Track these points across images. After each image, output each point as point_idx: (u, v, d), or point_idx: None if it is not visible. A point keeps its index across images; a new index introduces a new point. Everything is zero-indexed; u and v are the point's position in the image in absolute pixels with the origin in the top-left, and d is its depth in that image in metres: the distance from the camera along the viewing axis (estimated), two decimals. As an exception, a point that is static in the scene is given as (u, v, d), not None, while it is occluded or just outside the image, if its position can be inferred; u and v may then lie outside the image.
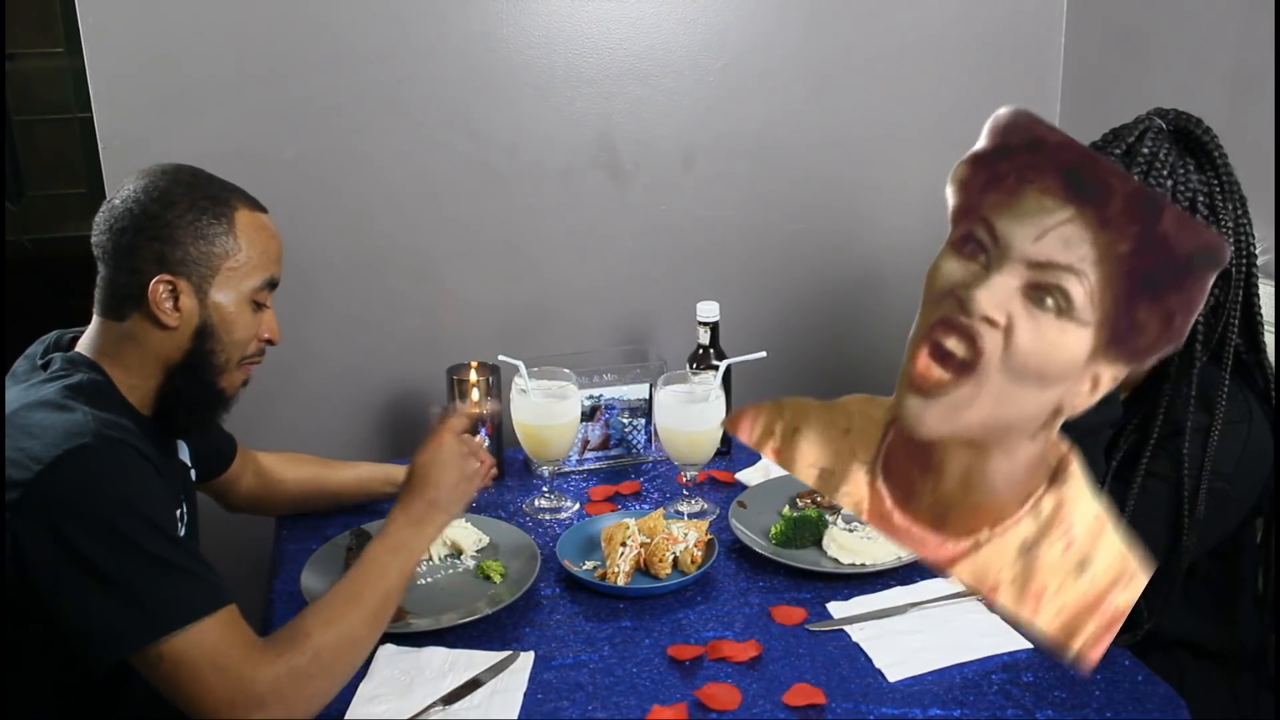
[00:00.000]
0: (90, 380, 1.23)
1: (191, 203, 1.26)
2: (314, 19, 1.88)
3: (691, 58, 2.05)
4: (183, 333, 1.27)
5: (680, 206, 2.12)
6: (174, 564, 1.12)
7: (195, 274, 1.26)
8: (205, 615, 1.11)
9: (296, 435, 2.03)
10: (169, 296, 1.25)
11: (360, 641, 1.21)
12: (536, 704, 1.23)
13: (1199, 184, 1.30)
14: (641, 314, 2.17)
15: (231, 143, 1.89)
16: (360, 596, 1.22)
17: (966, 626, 1.35)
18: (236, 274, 1.28)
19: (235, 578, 2.03)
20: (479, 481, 1.38)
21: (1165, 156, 1.29)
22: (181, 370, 1.28)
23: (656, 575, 1.45)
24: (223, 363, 1.30)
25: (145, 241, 1.24)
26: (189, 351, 1.28)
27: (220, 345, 1.29)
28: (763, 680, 1.26)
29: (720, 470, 1.81)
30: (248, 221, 1.30)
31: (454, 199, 2.02)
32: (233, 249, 1.28)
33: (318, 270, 1.99)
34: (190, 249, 1.25)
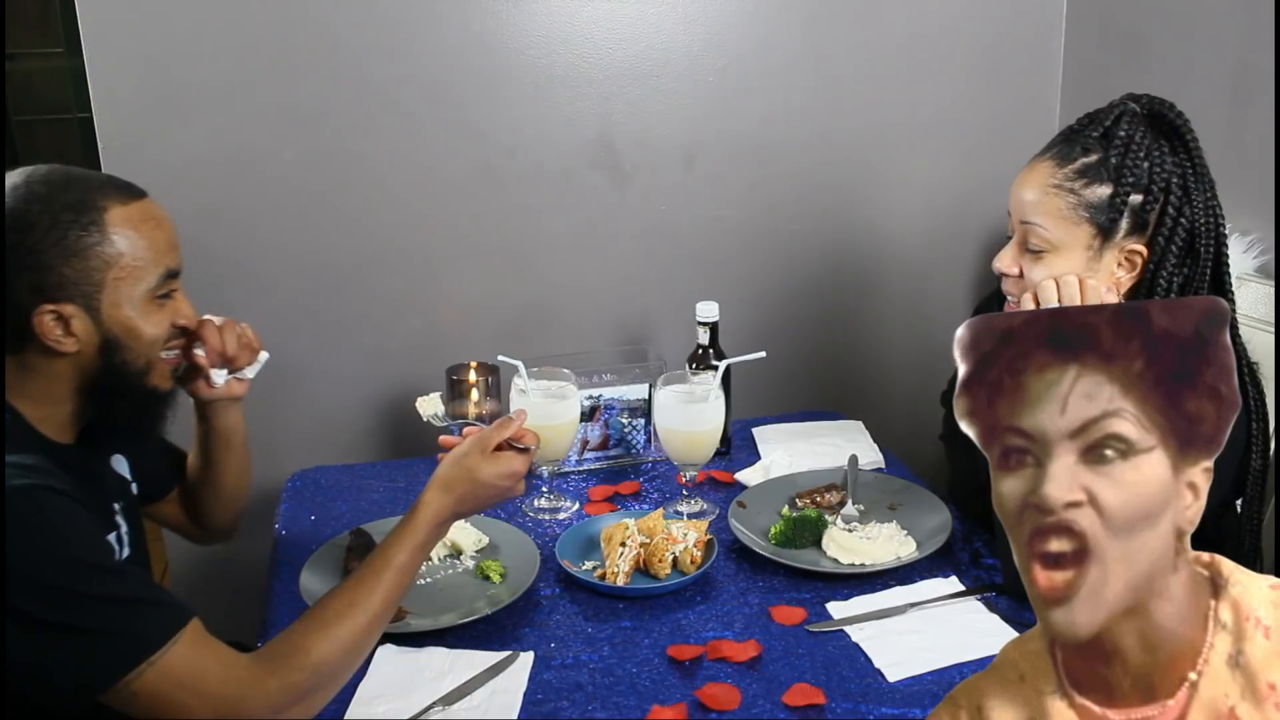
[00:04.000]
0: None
1: (53, 219, 1.13)
2: (313, 20, 1.88)
3: (691, 58, 2.05)
4: (86, 354, 1.18)
5: (680, 206, 2.12)
6: (128, 598, 1.07)
7: (79, 295, 1.15)
8: (165, 643, 1.07)
9: (296, 435, 2.04)
10: (58, 324, 1.15)
11: (362, 648, 1.19)
12: (536, 704, 1.23)
13: (1173, 166, 1.33)
14: (641, 314, 2.17)
15: (231, 143, 1.89)
16: (370, 597, 1.18)
17: (966, 626, 1.35)
18: (125, 281, 1.17)
19: (235, 578, 2.05)
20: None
21: (1141, 139, 1.33)
22: (101, 391, 1.21)
23: (656, 575, 1.45)
24: (143, 365, 1.22)
25: (15, 274, 1.12)
26: (101, 370, 1.19)
27: (133, 353, 1.21)
28: (763, 680, 1.26)
29: (720, 470, 1.81)
30: (123, 219, 1.17)
31: (454, 199, 2.02)
32: (113, 256, 1.16)
33: (317, 270, 1.99)
34: (65, 270, 1.13)
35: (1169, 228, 1.32)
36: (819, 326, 2.27)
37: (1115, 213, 1.32)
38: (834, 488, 1.67)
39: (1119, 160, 1.31)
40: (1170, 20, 1.95)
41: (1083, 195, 1.33)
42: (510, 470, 1.28)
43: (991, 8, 2.16)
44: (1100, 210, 1.32)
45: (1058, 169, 1.34)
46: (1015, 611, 1.37)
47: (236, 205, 1.93)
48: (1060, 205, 1.34)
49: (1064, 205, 1.33)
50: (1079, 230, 1.34)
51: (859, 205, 2.22)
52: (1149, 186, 1.32)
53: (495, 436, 1.30)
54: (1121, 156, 1.31)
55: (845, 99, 2.14)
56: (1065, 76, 2.22)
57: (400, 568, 1.22)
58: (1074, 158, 1.34)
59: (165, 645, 1.07)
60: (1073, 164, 1.34)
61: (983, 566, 1.49)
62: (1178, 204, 1.33)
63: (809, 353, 2.27)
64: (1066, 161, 1.34)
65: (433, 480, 1.28)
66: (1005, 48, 2.19)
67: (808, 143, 2.15)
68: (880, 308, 2.29)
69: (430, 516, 1.25)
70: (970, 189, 2.25)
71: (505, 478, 1.28)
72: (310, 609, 1.20)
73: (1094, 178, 1.33)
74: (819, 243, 2.22)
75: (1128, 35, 2.05)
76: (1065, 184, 1.34)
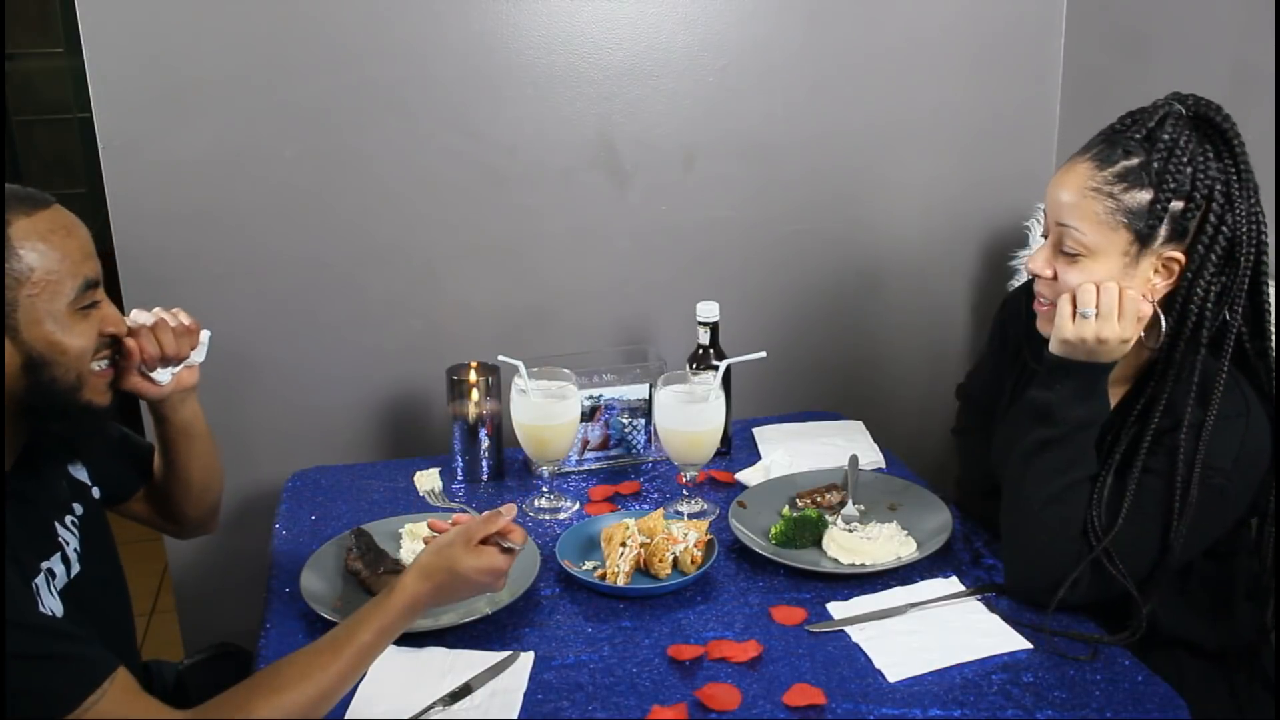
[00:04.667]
0: None
1: None
2: (313, 19, 1.88)
3: (691, 58, 2.05)
4: (11, 375, 1.12)
5: (680, 207, 2.12)
6: (40, 655, 1.02)
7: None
8: (88, 696, 1.03)
9: (296, 435, 2.04)
10: None
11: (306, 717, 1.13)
12: (536, 704, 1.23)
13: (1217, 172, 1.28)
14: (641, 314, 2.17)
15: (231, 143, 1.89)
16: (325, 670, 1.14)
17: (966, 626, 1.35)
18: (41, 296, 1.12)
19: (234, 578, 2.05)
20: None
21: (1185, 144, 1.28)
22: (30, 411, 1.16)
23: (656, 575, 1.45)
24: (73, 381, 1.17)
25: None
26: (28, 390, 1.14)
27: (62, 368, 1.15)
28: (763, 680, 1.26)
29: (720, 470, 1.81)
30: (30, 231, 1.11)
31: (454, 199, 2.02)
32: (24, 274, 1.10)
33: (317, 270, 1.99)
34: None
35: (1209, 236, 1.29)
36: (819, 326, 2.27)
37: (1155, 219, 1.28)
38: (834, 488, 1.67)
39: (1161, 165, 1.27)
40: (1170, 20, 1.95)
41: (1122, 200, 1.28)
42: (491, 566, 1.24)
43: (991, 8, 2.16)
44: (1139, 216, 1.28)
45: (1097, 171, 1.30)
46: (1015, 611, 1.37)
47: (236, 205, 1.93)
48: (1098, 209, 1.29)
49: (1102, 210, 1.29)
50: (1116, 236, 1.29)
51: (859, 205, 2.22)
52: (1191, 193, 1.28)
53: (480, 530, 1.26)
54: (1165, 161, 1.27)
55: (845, 99, 2.14)
56: (1065, 76, 2.22)
57: (363, 647, 1.17)
58: (1115, 160, 1.29)
59: (84, 702, 1.03)
60: (1113, 167, 1.29)
61: (983, 566, 1.49)
62: (1219, 212, 1.28)
63: (809, 353, 2.27)
64: (1107, 164, 1.30)
65: (413, 565, 1.24)
66: (1005, 48, 2.19)
67: (808, 142, 2.15)
68: (880, 307, 2.29)
69: (404, 602, 1.21)
70: (970, 189, 2.25)
71: (484, 573, 1.23)
72: (262, 670, 1.16)
73: (1134, 182, 1.28)
74: (819, 243, 2.22)
75: (1128, 35, 2.05)
76: (1104, 187, 1.29)
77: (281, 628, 1.40)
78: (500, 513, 1.29)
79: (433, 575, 1.22)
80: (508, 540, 1.28)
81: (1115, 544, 1.32)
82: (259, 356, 1.98)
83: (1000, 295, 2.04)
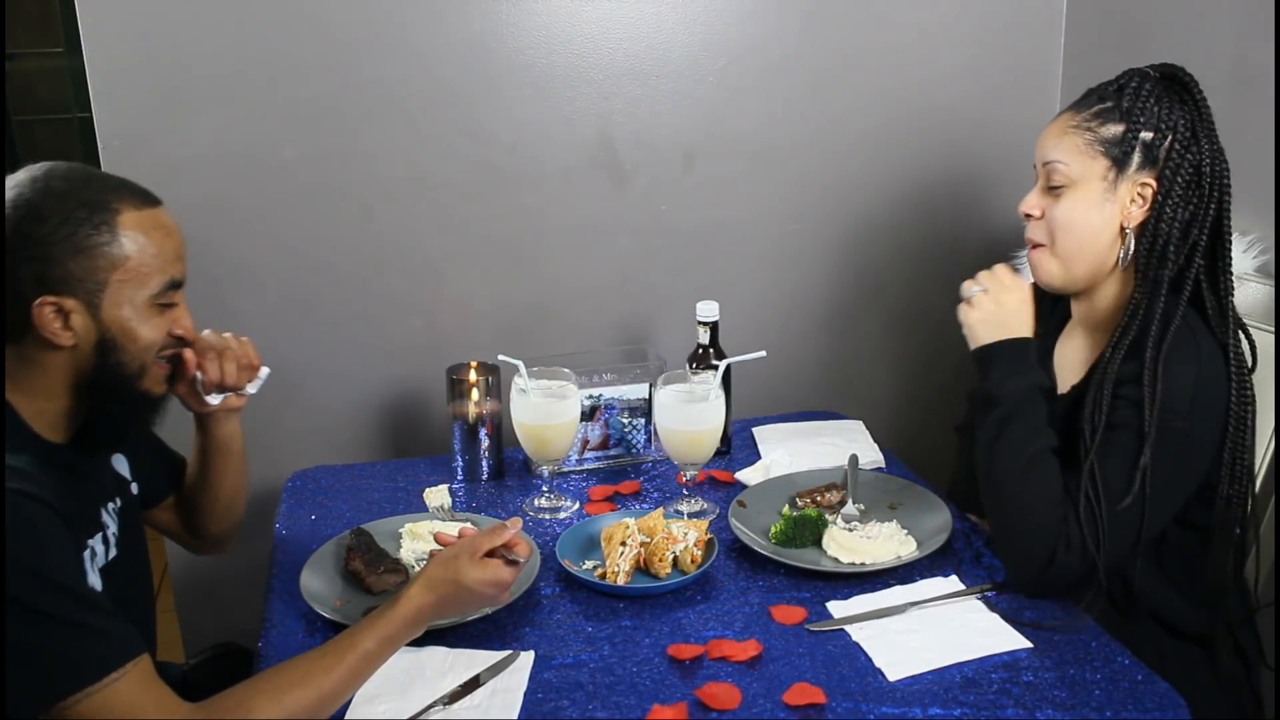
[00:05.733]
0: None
1: (65, 215, 1.15)
2: (314, 19, 1.88)
3: (691, 58, 2.05)
4: (83, 351, 1.19)
5: (680, 206, 2.12)
6: (76, 623, 1.06)
7: (81, 291, 1.16)
8: (111, 674, 1.07)
9: (296, 435, 2.04)
10: (57, 317, 1.16)
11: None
12: (536, 704, 1.23)
13: (1180, 114, 1.41)
14: (641, 314, 2.17)
15: (231, 143, 1.89)
16: (326, 675, 1.16)
17: (966, 625, 1.35)
18: (129, 283, 1.19)
19: (235, 578, 2.05)
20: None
21: (1150, 88, 1.42)
22: (93, 388, 1.21)
23: (656, 575, 1.45)
24: (136, 369, 1.23)
25: (21, 264, 1.14)
26: (95, 368, 1.20)
27: (129, 355, 1.21)
28: (763, 680, 1.26)
29: (720, 470, 1.81)
30: (135, 223, 1.19)
31: (454, 199, 2.02)
32: (119, 258, 1.18)
33: (317, 270, 1.99)
34: (70, 266, 1.15)
35: (1175, 163, 1.40)
36: (819, 326, 2.27)
37: (1128, 146, 1.41)
38: (834, 487, 1.67)
39: (1130, 104, 1.42)
40: (1170, 19, 1.95)
41: (1098, 132, 1.43)
42: (495, 579, 1.27)
43: (991, 7, 2.16)
44: (1114, 144, 1.42)
45: (1075, 115, 1.46)
46: (1015, 611, 1.37)
47: (236, 204, 1.93)
48: (1078, 142, 1.43)
49: (1081, 142, 1.43)
50: (1095, 164, 1.42)
51: (859, 204, 2.22)
52: (1158, 125, 1.41)
53: (486, 543, 1.28)
54: (1133, 100, 1.42)
55: (845, 98, 2.14)
56: (1065, 77, 2.22)
57: (365, 654, 1.20)
58: (1090, 105, 1.45)
59: (105, 678, 1.06)
60: (1089, 109, 1.45)
61: (983, 566, 1.49)
62: (1184, 142, 1.41)
63: (809, 353, 2.27)
64: (1084, 109, 1.46)
65: (418, 576, 1.27)
66: (1005, 48, 2.19)
67: (808, 142, 2.15)
68: (880, 307, 2.29)
69: (408, 612, 1.24)
70: (970, 188, 2.25)
71: (489, 585, 1.26)
72: (265, 671, 1.18)
73: (1108, 118, 1.43)
74: (819, 242, 2.22)
75: (1128, 34, 2.05)
76: (1082, 125, 1.44)
77: (281, 628, 1.40)
78: (506, 525, 1.31)
79: (437, 587, 1.25)
80: (513, 553, 1.30)
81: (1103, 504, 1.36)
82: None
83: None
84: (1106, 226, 1.44)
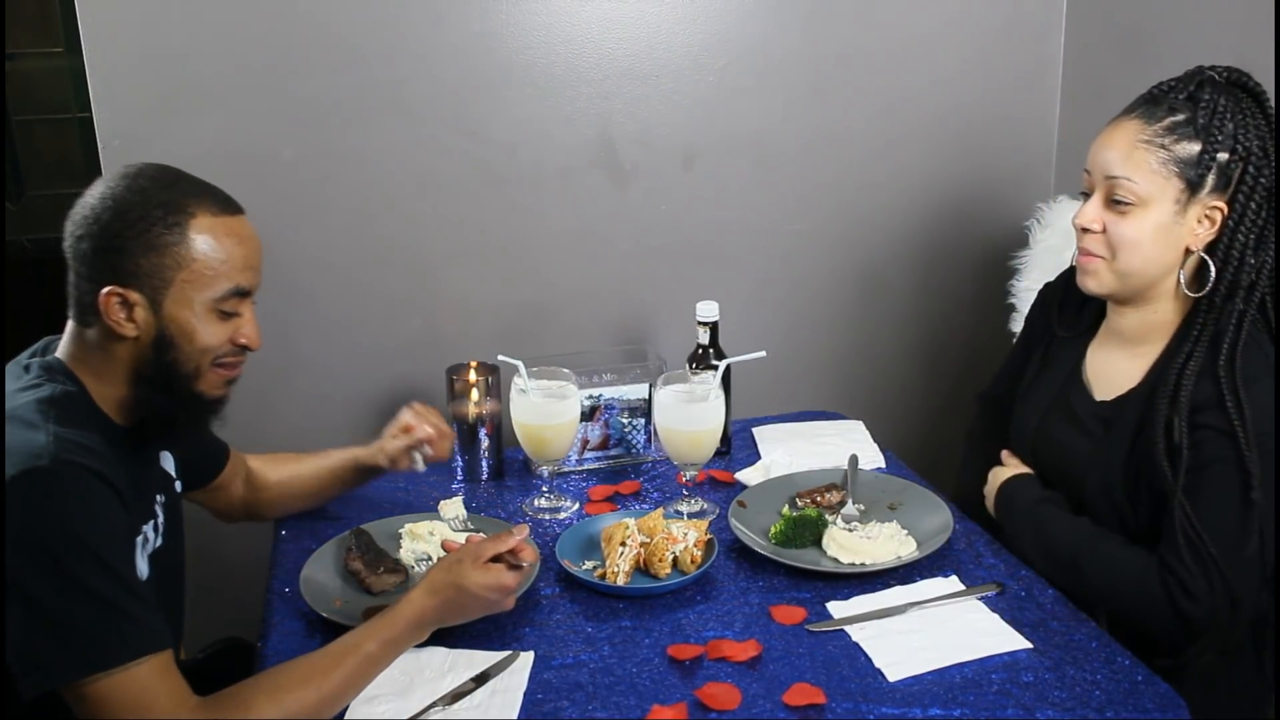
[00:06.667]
0: (63, 393, 1.20)
1: (144, 212, 1.20)
2: (314, 19, 1.88)
3: (691, 58, 2.05)
4: (143, 343, 1.22)
5: (680, 206, 2.12)
6: (112, 603, 1.09)
7: (147, 286, 1.20)
8: (135, 660, 1.09)
9: (297, 435, 2.03)
10: (122, 308, 1.20)
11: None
12: (536, 704, 1.23)
13: (1254, 130, 1.36)
14: (641, 314, 2.17)
15: (231, 143, 1.89)
16: (327, 676, 1.18)
17: (966, 626, 1.35)
18: (193, 285, 1.22)
19: (235, 578, 2.05)
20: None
21: (1225, 103, 1.35)
22: (150, 380, 1.24)
23: (656, 575, 1.45)
24: (192, 369, 1.25)
25: (99, 251, 1.20)
26: (153, 362, 1.23)
27: (184, 355, 1.24)
28: (763, 680, 1.26)
29: (720, 470, 1.81)
30: (208, 228, 1.22)
31: (454, 199, 2.02)
32: (186, 259, 1.21)
33: (317, 270, 1.99)
34: (141, 260, 1.19)
35: (1249, 186, 1.35)
36: (819, 326, 2.27)
37: (1204, 169, 1.34)
38: (834, 487, 1.67)
39: (1207, 120, 1.34)
40: (1170, 19, 1.95)
41: (1173, 151, 1.35)
42: (498, 584, 1.27)
43: (991, 7, 2.16)
44: (1190, 165, 1.35)
45: (1146, 126, 1.37)
46: (1015, 611, 1.37)
47: (236, 205, 1.93)
48: (1150, 160, 1.35)
49: (1154, 160, 1.35)
50: (1168, 185, 1.35)
51: (859, 204, 2.22)
52: (1234, 147, 1.35)
53: (491, 549, 1.29)
54: (1210, 117, 1.34)
55: (845, 98, 2.14)
56: (1065, 76, 2.22)
57: (367, 656, 1.21)
58: (1162, 116, 1.36)
59: (129, 663, 1.09)
60: (1161, 122, 1.36)
61: (983, 566, 1.49)
62: (1259, 164, 1.35)
63: (809, 353, 2.27)
64: (1154, 120, 1.37)
65: (422, 580, 1.29)
66: (1005, 46, 2.19)
67: (808, 142, 2.15)
68: (880, 307, 2.29)
69: (411, 615, 1.25)
70: (970, 188, 2.25)
71: (492, 590, 1.27)
72: (267, 671, 1.20)
73: (1183, 135, 1.35)
74: (819, 242, 2.22)
75: (1128, 35, 2.05)
76: (1155, 139, 1.36)
77: (282, 627, 1.40)
78: (512, 533, 1.32)
79: (440, 591, 1.26)
80: (517, 559, 1.30)
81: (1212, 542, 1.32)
82: (258, 355, 1.97)
83: (1000, 295, 2.04)
84: (1173, 247, 1.38)
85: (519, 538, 1.32)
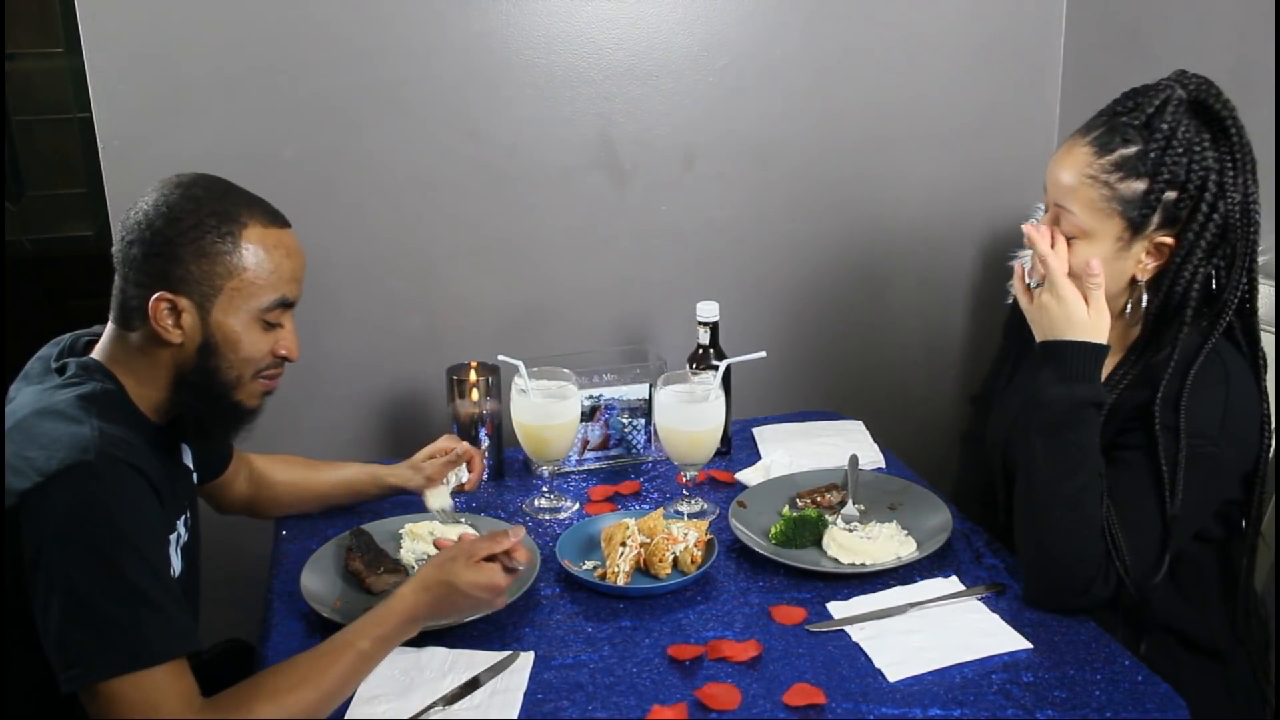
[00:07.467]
0: (103, 390, 1.23)
1: (197, 220, 1.23)
2: (314, 19, 1.88)
3: (691, 58, 2.05)
4: (188, 349, 1.25)
5: (680, 206, 2.12)
6: (151, 600, 1.11)
7: (197, 293, 1.23)
8: (161, 661, 1.10)
9: (297, 435, 2.04)
10: (170, 314, 1.23)
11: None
12: (536, 704, 1.23)
13: (1213, 161, 1.32)
14: (641, 314, 2.17)
15: (231, 143, 1.89)
16: (324, 675, 1.19)
17: (966, 626, 1.35)
18: (241, 294, 1.25)
19: (235, 578, 2.05)
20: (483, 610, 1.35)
21: (1183, 134, 1.31)
22: (191, 385, 1.27)
23: (656, 575, 1.45)
24: (234, 378, 1.28)
25: (150, 257, 1.22)
26: (196, 368, 1.26)
27: (227, 363, 1.27)
28: (763, 680, 1.26)
29: (720, 470, 1.81)
30: (259, 239, 1.26)
31: (454, 199, 2.02)
32: (237, 268, 1.24)
33: (317, 270, 1.97)
34: (192, 267, 1.22)
35: (1199, 224, 1.32)
36: (819, 326, 2.27)
37: (1148, 209, 1.32)
38: (834, 488, 1.67)
39: (1158, 155, 1.31)
40: (1170, 20, 1.95)
41: (1117, 189, 1.32)
42: (489, 583, 1.28)
43: (991, 6, 2.16)
44: (1133, 205, 1.32)
45: (1095, 158, 1.34)
46: (1016, 611, 1.37)
47: (236, 205, 1.93)
48: (1094, 196, 1.33)
49: (1097, 197, 1.33)
50: (1110, 222, 1.34)
51: (859, 205, 2.22)
52: (1185, 184, 1.31)
53: (485, 548, 1.29)
54: (1161, 152, 1.31)
55: (845, 98, 2.14)
56: (1065, 76, 2.22)
57: (361, 653, 1.22)
58: (1113, 148, 1.33)
59: (154, 664, 1.09)
60: (1111, 155, 1.33)
61: (983, 566, 1.49)
62: (1212, 200, 1.32)
63: (809, 353, 2.27)
64: (1105, 151, 1.34)
65: (414, 576, 1.30)
66: (1005, 47, 2.19)
67: (808, 142, 2.15)
68: (881, 307, 2.29)
69: (402, 611, 1.26)
70: (970, 188, 2.25)
71: (483, 589, 1.28)
72: (264, 672, 1.20)
73: (1130, 171, 1.32)
74: (819, 242, 2.22)
75: (1128, 34, 2.05)
76: (1101, 175, 1.33)
77: (282, 628, 1.40)
78: (508, 533, 1.32)
79: (431, 587, 1.27)
80: (512, 560, 1.30)
81: (1121, 532, 1.33)
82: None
83: (1000, 295, 2.04)
84: (1115, 278, 1.37)
85: (515, 540, 1.32)
